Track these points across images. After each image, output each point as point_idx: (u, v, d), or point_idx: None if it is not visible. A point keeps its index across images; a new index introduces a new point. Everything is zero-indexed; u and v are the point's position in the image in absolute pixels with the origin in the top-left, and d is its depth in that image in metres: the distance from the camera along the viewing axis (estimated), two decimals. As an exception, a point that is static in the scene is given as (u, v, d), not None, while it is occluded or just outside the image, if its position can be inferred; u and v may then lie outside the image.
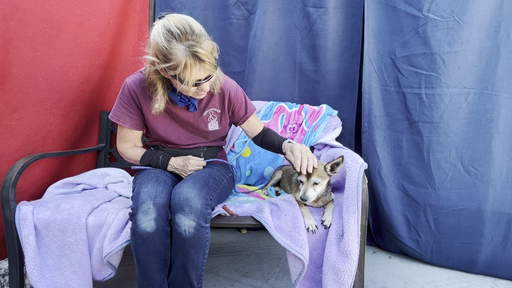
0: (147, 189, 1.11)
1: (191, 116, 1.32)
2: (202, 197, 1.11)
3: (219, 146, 1.51)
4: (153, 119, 1.30)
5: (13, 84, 1.39)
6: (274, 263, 1.75)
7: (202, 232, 1.09)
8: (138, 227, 1.07)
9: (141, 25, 2.03)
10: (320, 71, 1.94)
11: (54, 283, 1.19)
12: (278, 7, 1.94)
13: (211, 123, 1.35)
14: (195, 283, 1.13)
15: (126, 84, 1.26)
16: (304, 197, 1.19)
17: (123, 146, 1.35)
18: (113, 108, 1.29)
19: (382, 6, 1.72)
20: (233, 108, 1.37)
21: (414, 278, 1.65)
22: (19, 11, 1.39)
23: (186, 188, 1.11)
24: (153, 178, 1.17)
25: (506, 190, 1.61)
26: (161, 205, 1.10)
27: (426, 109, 1.66)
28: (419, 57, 1.65)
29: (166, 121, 1.31)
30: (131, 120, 1.29)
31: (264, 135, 1.44)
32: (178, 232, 1.08)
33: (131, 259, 1.70)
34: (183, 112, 1.31)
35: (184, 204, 1.07)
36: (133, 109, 1.28)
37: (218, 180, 1.27)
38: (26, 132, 1.46)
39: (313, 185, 1.21)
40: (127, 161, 1.37)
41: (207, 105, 1.32)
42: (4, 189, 1.21)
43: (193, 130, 1.35)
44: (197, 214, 1.08)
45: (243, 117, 1.40)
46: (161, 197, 1.11)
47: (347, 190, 1.24)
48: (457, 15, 1.58)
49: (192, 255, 1.09)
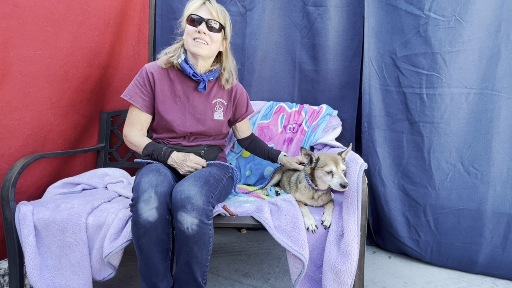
0: (148, 179, 1.12)
1: (201, 101, 1.41)
2: (204, 194, 1.12)
3: (219, 146, 1.53)
4: (163, 101, 1.38)
5: (13, 83, 1.39)
6: (274, 263, 1.75)
7: (205, 229, 1.10)
8: (139, 217, 1.07)
9: (141, 25, 2.02)
10: (320, 71, 1.93)
11: (54, 283, 1.19)
12: (277, 6, 1.94)
13: (217, 112, 1.45)
14: (200, 279, 1.13)
15: (145, 67, 1.39)
16: (344, 183, 1.18)
17: (130, 130, 1.38)
18: (127, 88, 1.38)
19: (383, 5, 1.72)
20: (237, 104, 1.53)
21: (414, 278, 1.65)
22: (20, 9, 1.39)
23: (187, 186, 1.12)
24: (154, 170, 1.18)
25: (506, 190, 1.61)
26: (162, 194, 1.10)
27: (427, 109, 1.66)
28: (420, 56, 1.65)
29: (174, 105, 1.39)
30: (142, 101, 1.37)
31: (253, 140, 1.66)
32: (181, 230, 1.08)
33: (131, 259, 1.70)
34: (193, 95, 1.41)
35: (186, 202, 1.07)
36: (146, 90, 1.37)
37: (218, 179, 1.28)
38: (27, 132, 1.46)
39: (342, 172, 1.24)
40: (129, 147, 1.39)
41: (216, 94, 1.46)
42: (4, 189, 1.21)
43: (199, 118, 1.41)
44: (199, 211, 1.08)
45: (243, 115, 1.57)
46: (162, 186, 1.11)
47: (347, 190, 1.24)
48: (458, 14, 1.57)
49: (195, 252, 1.09)
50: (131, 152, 1.92)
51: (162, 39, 2.06)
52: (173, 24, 2.03)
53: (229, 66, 1.44)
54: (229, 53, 1.44)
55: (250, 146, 1.65)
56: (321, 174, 1.26)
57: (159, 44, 2.06)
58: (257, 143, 1.65)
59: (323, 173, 1.24)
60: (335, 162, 1.24)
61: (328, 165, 1.23)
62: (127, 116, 1.40)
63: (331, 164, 1.23)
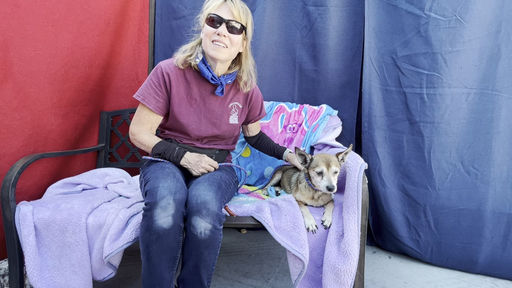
0: (167, 185, 1.09)
1: (217, 105, 1.37)
2: (218, 200, 1.11)
3: (228, 150, 1.53)
4: (178, 103, 1.32)
5: (14, 83, 1.39)
6: (274, 263, 1.75)
7: (216, 234, 1.10)
8: (154, 223, 1.03)
9: (141, 25, 2.02)
10: (321, 71, 1.93)
11: (54, 283, 1.19)
12: (277, 6, 1.94)
13: (232, 116, 1.41)
14: (205, 282, 1.13)
15: (160, 66, 1.31)
16: (331, 186, 1.17)
17: (138, 128, 1.32)
18: (141, 88, 1.31)
19: (383, 5, 1.72)
20: (251, 107, 1.49)
21: (414, 278, 1.65)
22: (20, 9, 1.39)
23: (203, 190, 1.11)
24: (170, 174, 1.15)
25: (506, 190, 1.61)
26: (180, 202, 1.08)
27: (427, 109, 1.66)
28: (420, 56, 1.65)
29: (190, 108, 1.34)
30: (156, 102, 1.30)
31: (261, 137, 1.65)
32: (193, 234, 1.07)
33: (131, 259, 1.70)
34: (210, 99, 1.36)
35: (202, 207, 1.07)
36: (161, 91, 1.30)
37: (228, 184, 1.29)
38: (28, 132, 1.46)
39: (334, 174, 1.22)
40: (135, 144, 1.34)
41: (233, 98, 1.41)
42: (4, 189, 1.21)
43: (215, 122, 1.37)
44: (213, 217, 1.08)
45: (256, 117, 1.55)
46: (181, 193, 1.09)
47: (347, 190, 1.24)
48: (459, 14, 1.57)
49: (205, 256, 1.09)
50: (131, 152, 1.92)
51: (162, 39, 2.06)
52: (173, 24, 2.03)
53: (248, 67, 1.37)
54: (249, 54, 1.37)
55: (257, 143, 1.65)
56: (313, 174, 1.26)
57: (159, 44, 2.06)
58: (263, 140, 1.64)
59: (314, 173, 1.24)
60: (326, 164, 1.22)
61: (319, 166, 1.22)
62: (135, 114, 1.34)
63: (321, 165, 1.22)
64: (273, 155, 1.62)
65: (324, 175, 1.21)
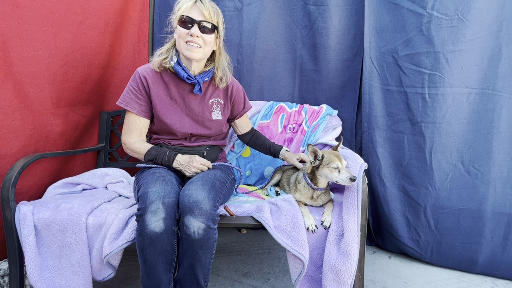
0: (155, 189, 1.10)
1: (197, 103, 1.39)
2: (211, 199, 1.12)
3: (220, 146, 1.53)
4: (160, 104, 1.35)
5: (14, 83, 1.39)
6: (274, 263, 1.76)
7: (211, 234, 1.10)
8: (146, 228, 1.06)
9: (141, 25, 2.01)
10: (321, 71, 1.93)
11: (54, 283, 1.20)
12: (278, 5, 1.93)
13: (215, 112, 1.43)
14: (202, 282, 1.13)
15: (137, 72, 1.35)
16: (353, 177, 1.19)
17: (129, 137, 1.35)
18: (122, 94, 1.34)
19: (385, 3, 1.71)
20: (234, 101, 1.50)
21: (414, 278, 1.64)
22: (20, 9, 1.39)
23: (195, 190, 1.11)
24: (159, 178, 1.17)
25: (506, 190, 1.61)
26: (170, 205, 1.09)
27: (429, 109, 1.65)
28: (422, 55, 1.64)
29: (171, 108, 1.37)
30: (139, 106, 1.34)
31: (254, 135, 1.63)
32: (187, 234, 1.08)
33: (131, 259, 1.71)
34: (189, 97, 1.38)
35: (194, 206, 1.07)
36: (141, 95, 1.34)
37: (223, 182, 1.28)
38: (29, 132, 1.46)
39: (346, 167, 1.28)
40: (130, 154, 1.37)
41: (212, 94, 1.43)
42: (4, 189, 1.21)
43: (198, 119, 1.40)
44: (206, 216, 1.08)
45: (241, 111, 1.54)
46: (170, 197, 1.10)
47: (347, 190, 1.24)
48: (461, 13, 1.56)
49: (200, 255, 1.10)
50: (131, 152, 1.92)
51: (160, 37, 2.05)
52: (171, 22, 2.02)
53: (222, 64, 1.40)
54: (222, 51, 1.41)
55: (251, 141, 1.63)
56: (327, 171, 1.26)
57: (157, 43, 2.05)
58: (258, 138, 1.62)
59: (330, 170, 1.25)
60: (339, 158, 1.27)
61: (334, 161, 1.26)
62: (124, 123, 1.37)
63: (336, 161, 1.25)
64: (269, 154, 1.61)
65: (341, 169, 1.24)
